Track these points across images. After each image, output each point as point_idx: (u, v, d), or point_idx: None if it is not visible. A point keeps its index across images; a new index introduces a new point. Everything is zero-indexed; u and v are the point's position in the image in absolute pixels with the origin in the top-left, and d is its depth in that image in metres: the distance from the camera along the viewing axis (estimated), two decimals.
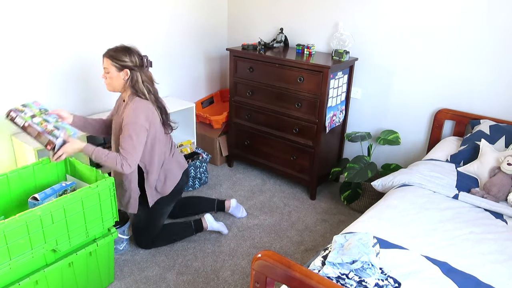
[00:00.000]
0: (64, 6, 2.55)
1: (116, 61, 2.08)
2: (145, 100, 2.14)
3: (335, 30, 3.12)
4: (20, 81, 2.46)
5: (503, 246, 1.70)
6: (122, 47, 2.12)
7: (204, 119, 3.55)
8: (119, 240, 2.41)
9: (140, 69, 2.13)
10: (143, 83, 2.14)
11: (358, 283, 1.37)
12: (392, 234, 1.74)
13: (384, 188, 2.34)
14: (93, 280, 2.09)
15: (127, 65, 2.09)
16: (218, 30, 3.74)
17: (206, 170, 3.26)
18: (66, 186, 2.11)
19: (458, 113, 2.72)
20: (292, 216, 2.91)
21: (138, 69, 2.12)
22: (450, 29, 2.64)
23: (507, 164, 2.14)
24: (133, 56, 2.11)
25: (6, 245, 1.63)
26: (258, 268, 1.15)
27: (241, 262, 2.42)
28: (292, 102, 2.99)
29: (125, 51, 2.10)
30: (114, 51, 2.09)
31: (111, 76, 2.11)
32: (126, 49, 2.11)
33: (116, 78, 2.12)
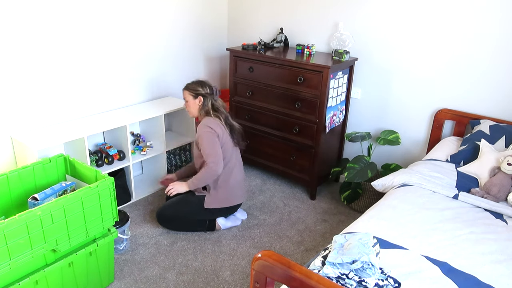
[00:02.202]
0: (64, 8, 2.55)
1: (191, 91, 2.62)
2: (213, 117, 2.56)
3: (335, 30, 3.12)
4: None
5: (503, 246, 1.70)
6: (196, 80, 2.66)
7: None
8: (119, 240, 2.41)
9: (211, 96, 2.61)
10: (212, 106, 2.61)
11: (358, 283, 1.37)
12: (392, 234, 1.74)
13: (384, 188, 2.34)
14: (93, 280, 2.09)
15: (200, 93, 2.59)
16: (218, 30, 3.74)
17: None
18: (66, 186, 2.11)
19: (458, 113, 2.72)
20: (292, 216, 2.91)
21: (209, 96, 2.60)
22: (450, 29, 2.64)
23: (507, 164, 2.14)
24: (205, 87, 2.61)
25: (6, 245, 1.63)
26: (258, 268, 1.15)
27: (241, 262, 2.42)
28: (292, 102, 2.99)
29: (198, 83, 2.63)
30: (190, 84, 2.65)
31: (189, 104, 2.64)
32: (200, 82, 2.64)
33: (193, 105, 2.63)
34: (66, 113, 2.75)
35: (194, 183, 2.54)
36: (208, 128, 2.50)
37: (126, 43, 2.98)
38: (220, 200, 2.60)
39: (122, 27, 2.92)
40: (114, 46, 2.91)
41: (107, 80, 2.93)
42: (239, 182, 2.66)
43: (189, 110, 2.68)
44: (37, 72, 2.52)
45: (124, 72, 3.04)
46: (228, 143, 2.58)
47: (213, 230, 2.69)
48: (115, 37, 2.89)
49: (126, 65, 3.03)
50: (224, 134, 2.55)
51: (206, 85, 2.63)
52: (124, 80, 3.06)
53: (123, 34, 2.94)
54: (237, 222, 2.76)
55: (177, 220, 2.64)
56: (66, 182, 2.15)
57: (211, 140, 2.48)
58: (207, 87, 2.63)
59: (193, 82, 2.65)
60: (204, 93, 2.60)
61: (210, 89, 2.63)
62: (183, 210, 2.61)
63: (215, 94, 2.64)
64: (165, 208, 2.64)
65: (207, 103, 2.60)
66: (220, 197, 2.59)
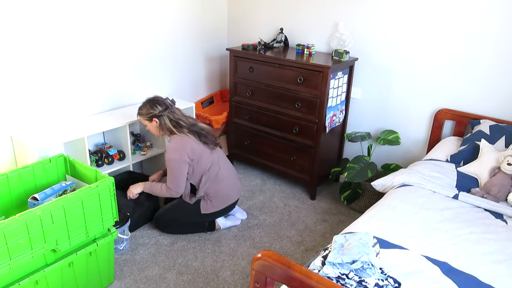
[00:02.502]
0: (64, 8, 2.55)
1: (144, 116, 2.51)
2: (180, 135, 2.46)
3: (335, 30, 3.12)
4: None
5: (503, 246, 1.70)
6: (145, 102, 2.53)
7: (204, 119, 3.55)
8: (119, 240, 2.41)
9: (166, 112, 2.48)
10: (171, 122, 2.48)
11: (358, 283, 1.37)
12: (392, 234, 1.74)
13: (384, 188, 2.34)
14: (93, 280, 2.09)
15: (153, 115, 2.48)
16: (218, 30, 3.74)
17: None
18: (66, 186, 2.11)
19: (458, 113, 2.72)
20: (292, 216, 2.91)
21: (164, 114, 2.47)
22: (450, 29, 2.64)
23: (507, 164, 2.14)
24: (156, 106, 2.48)
25: (6, 245, 1.63)
26: (258, 268, 1.15)
27: (241, 262, 2.42)
28: (292, 102, 2.99)
29: (146, 104, 2.51)
30: (140, 109, 2.53)
31: (149, 128, 2.56)
32: (148, 102, 2.51)
33: (152, 127, 2.54)
34: (66, 113, 2.75)
35: (151, 190, 2.55)
36: (178, 155, 2.42)
37: (125, 43, 2.98)
38: (215, 205, 2.59)
39: (122, 27, 2.92)
40: (113, 46, 2.91)
41: (106, 80, 2.93)
42: (229, 182, 2.63)
43: (152, 132, 2.59)
44: (37, 72, 2.52)
45: (123, 72, 3.04)
46: (204, 153, 2.51)
47: (213, 230, 2.69)
48: (115, 37, 2.89)
49: (125, 65, 3.03)
50: (195, 148, 2.47)
51: (157, 103, 2.49)
52: (124, 80, 3.06)
53: (123, 34, 2.94)
54: (236, 221, 2.77)
55: (176, 225, 2.63)
56: (66, 182, 2.15)
57: (179, 168, 2.44)
58: (159, 104, 2.49)
59: (144, 105, 2.52)
60: (158, 113, 2.47)
61: (163, 105, 2.49)
62: (181, 215, 2.60)
63: (171, 107, 2.51)
64: (163, 214, 2.63)
65: (163, 121, 2.48)
66: (214, 203, 2.59)
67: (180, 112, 2.57)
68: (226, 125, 3.52)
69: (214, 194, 2.57)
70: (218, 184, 2.57)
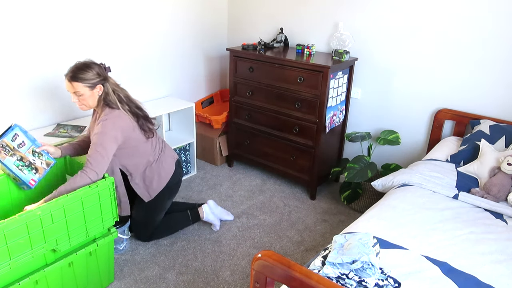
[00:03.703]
0: (64, 7, 2.55)
1: (86, 82, 2.01)
2: (117, 110, 2.09)
3: (335, 30, 3.12)
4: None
5: (503, 246, 1.70)
6: (81, 65, 2.04)
7: (204, 119, 3.55)
8: (119, 240, 2.41)
9: (106, 79, 2.09)
10: (114, 93, 2.10)
11: (358, 283, 1.37)
12: (392, 234, 1.74)
13: (384, 188, 2.34)
14: (93, 280, 2.09)
15: (97, 81, 2.04)
16: (218, 30, 3.74)
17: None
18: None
19: (458, 113, 2.72)
20: (292, 216, 2.91)
21: (105, 80, 2.08)
22: (450, 29, 2.64)
23: (507, 164, 2.14)
24: (95, 68, 2.04)
25: (6, 245, 1.63)
26: (258, 268, 1.15)
27: (241, 262, 2.42)
28: (292, 102, 2.99)
29: (87, 67, 2.03)
30: (79, 72, 2.00)
31: (84, 98, 2.05)
32: (86, 65, 2.04)
33: (91, 97, 2.06)
34: (66, 113, 2.75)
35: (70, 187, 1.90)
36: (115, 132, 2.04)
37: (125, 43, 2.98)
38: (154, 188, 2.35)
39: (121, 26, 2.92)
40: (113, 46, 2.91)
41: None
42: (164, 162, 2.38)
43: (84, 104, 2.08)
44: (37, 72, 2.52)
45: (123, 72, 3.04)
46: (139, 140, 2.20)
47: (198, 219, 2.62)
48: (114, 36, 2.89)
49: (125, 65, 3.03)
50: (134, 131, 2.15)
51: (95, 67, 2.05)
52: (124, 80, 3.06)
53: (122, 34, 2.94)
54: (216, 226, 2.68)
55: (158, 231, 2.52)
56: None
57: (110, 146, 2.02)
58: (97, 67, 2.05)
59: (80, 68, 2.02)
60: (101, 79, 2.05)
61: (102, 69, 2.08)
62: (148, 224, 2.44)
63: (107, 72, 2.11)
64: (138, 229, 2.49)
65: (107, 90, 2.08)
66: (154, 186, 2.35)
67: (114, 81, 2.17)
68: (226, 125, 3.52)
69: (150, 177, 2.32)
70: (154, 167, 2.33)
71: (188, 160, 3.42)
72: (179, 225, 2.60)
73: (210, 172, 3.50)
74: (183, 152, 3.36)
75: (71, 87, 2.02)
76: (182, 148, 3.34)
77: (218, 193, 3.17)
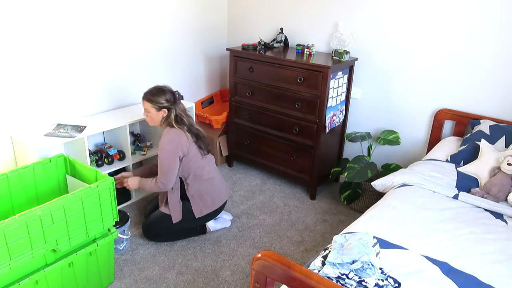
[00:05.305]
0: (64, 8, 2.55)
1: (155, 104, 2.40)
2: (177, 128, 2.42)
3: (335, 30, 3.12)
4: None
5: (503, 246, 1.70)
6: (157, 89, 2.44)
7: (204, 119, 3.55)
8: (119, 240, 2.41)
9: (174, 105, 2.43)
10: (176, 117, 2.44)
11: (358, 283, 1.37)
12: (392, 234, 1.74)
13: (384, 188, 2.34)
14: (93, 280, 2.09)
15: (164, 106, 2.41)
16: (218, 30, 3.74)
17: None
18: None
19: (458, 113, 2.72)
20: (292, 216, 2.91)
21: (172, 105, 2.43)
22: (450, 29, 2.64)
23: (507, 164, 2.14)
24: (167, 95, 2.42)
25: (6, 245, 1.63)
26: (258, 268, 1.15)
27: (241, 262, 2.42)
28: (292, 102, 2.99)
29: (160, 93, 2.42)
30: (152, 95, 2.41)
31: (151, 116, 2.45)
32: (161, 91, 2.43)
33: (156, 116, 2.44)
34: (66, 113, 2.75)
35: (141, 184, 2.52)
36: (172, 146, 2.37)
37: (125, 43, 2.98)
38: (208, 205, 2.53)
39: (122, 26, 2.92)
40: (113, 46, 2.91)
41: (106, 80, 2.93)
42: (218, 182, 2.60)
43: (150, 120, 2.49)
44: (37, 72, 2.52)
45: (123, 72, 3.04)
46: (196, 156, 2.47)
47: (204, 233, 2.67)
48: (114, 36, 2.89)
49: (125, 65, 3.03)
50: (190, 146, 2.43)
51: (167, 93, 2.44)
52: (124, 80, 3.06)
53: (122, 34, 2.94)
54: (226, 224, 2.73)
55: (166, 234, 2.56)
56: None
57: (170, 160, 2.38)
58: (169, 94, 2.44)
59: (154, 92, 2.43)
60: (169, 105, 2.42)
61: (173, 96, 2.45)
62: (171, 224, 2.50)
63: (178, 100, 2.47)
64: (151, 225, 2.54)
65: (171, 114, 2.43)
66: (207, 203, 2.53)
67: (183, 107, 2.52)
68: (226, 125, 3.52)
69: (205, 193, 2.52)
70: (208, 185, 2.54)
71: None
72: (186, 235, 2.62)
73: None
74: None
75: (144, 104, 2.46)
76: None
77: None
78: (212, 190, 2.55)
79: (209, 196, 2.54)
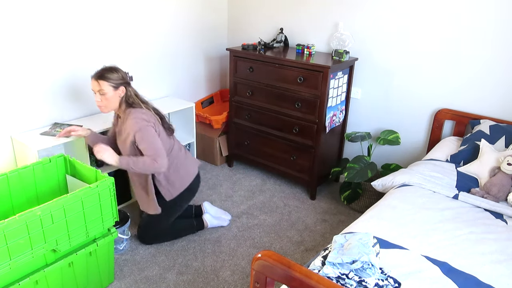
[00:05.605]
0: (64, 6, 2.55)
1: (111, 81, 2.18)
2: (139, 108, 2.25)
3: (335, 30, 3.12)
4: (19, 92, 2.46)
5: (503, 246, 1.70)
6: (109, 67, 2.22)
7: (204, 119, 3.55)
8: (119, 240, 2.41)
9: (129, 85, 2.26)
10: (136, 95, 2.27)
11: (358, 283, 1.37)
12: (392, 234, 1.74)
13: (384, 188, 2.34)
14: (93, 280, 2.09)
15: (121, 82, 2.21)
16: (218, 30, 3.74)
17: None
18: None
19: (458, 113, 2.72)
20: (292, 216, 2.91)
21: (128, 84, 2.25)
22: (450, 29, 2.64)
23: (507, 164, 2.14)
24: (120, 72, 2.23)
25: (6, 245, 1.63)
26: (258, 268, 1.15)
27: (241, 262, 2.42)
28: (292, 102, 2.99)
29: (113, 70, 2.21)
30: (105, 72, 2.18)
31: (107, 97, 2.19)
32: (114, 68, 2.22)
33: (113, 97, 2.21)
34: (66, 113, 2.75)
35: (128, 165, 2.18)
36: (144, 122, 2.17)
37: (125, 43, 2.98)
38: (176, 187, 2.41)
39: (121, 26, 2.92)
40: (112, 46, 2.91)
41: None
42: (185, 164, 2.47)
43: (105, 105, 2.22)
44: (37, 72, 2.52)
45: None
46: (163, 134, 2.31)
47: (202, 228, 2.65)
48: (114, 36, 2.89)
49: (124, 65, 3.03)
50: (158, 125, 2.28)
51: (120, 71, 2.23)
52: None
53: (122, 34, 2.94)
54: (224, 222, 2.73)
55: (163, 235, 2.53)
56: None
57: (155, 136, 2.19)
58: (123, 72, 2.24)
59: (107, 70, 2.20)
60: (124, 81, 2.21)
61: (126, 74, 2.26)
62: (160, 222, 2.46)
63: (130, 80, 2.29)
64: (144, 231, 2.49)
65: (129, 92, 2.24)
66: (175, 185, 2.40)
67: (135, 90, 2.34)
68: (226, 125, 3.52)
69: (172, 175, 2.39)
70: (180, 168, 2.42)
71: None
72: (184, 233, 2.61)
73: (210, 172, 3.50)
74: None
75: (97, 85, 2.17)
76: None
77: (218, 193, 3.17)
78: (178, 170, 2.41)
79: (176, 177, 2.40)
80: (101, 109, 2.25)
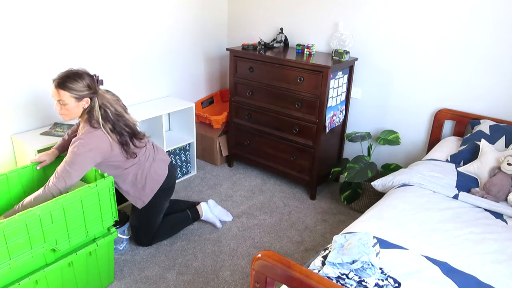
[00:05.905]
0: (63, 6, 2.55)
1: (73, 92, 1.90)
2: (97, 130, 1.96)
3: (335, 30, 3.12)
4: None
5: (503, 246, 1.70)
6: (73, 73, 1.92)
7: (204, 119, 3.55)
8: (119, 240, 2.41)
9: (96, 93, 1.97)
10: (100, 108, 1.98)
11: (358, 283, 1.37)
12: (392, 234, 1.74)
13: (384, 188, 2.34)
14: (93, 280, 2.09)
15: (85, 94, 1.92)
16: (218, 30, 3.74)
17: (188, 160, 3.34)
18: None
19: (458, 113, 2.72)
20: (292, 216, 2.91)
21: (94, 93, 1.96)
22: (450, 29, 2.64)
23: (507, 164, 2.14)
24: (86, 79, 1.93)
25: (6, 245, 1.63)
26: (258, 268, 1.15)
27: (241, 262, 2.42)
28: (292, 102, 2.99)
29: (77, 77, 1.91)
30: (68, 81, 1.89)
31: (68, 108, 1.93)
32: (78, 75, 1.92)
33: (75, 108, 1.95)
34: None
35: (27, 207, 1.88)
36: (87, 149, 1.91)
37: (125, 43, 2.98)
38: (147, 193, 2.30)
39: (121, 26, 2.92)
40: (112, 46, 2.91)
41: (105, 80, 2.93)
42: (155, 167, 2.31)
43: (66, 114, 1.96)
44: (37, 72, 2.52)
45: (122, 72, 3.04)
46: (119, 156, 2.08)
47: (198, 218, 2.64)
48: (113, 36, 2.89)
49: (124, 64, 3.03)
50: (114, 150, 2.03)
51: (87, 78, 1.93)
52: (123, 80, 3.06)
53: (122, 34, 2.94)
54: (217, 223, 2.69)
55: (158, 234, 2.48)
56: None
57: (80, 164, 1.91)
58: (89, 79, 1.94)
59: (69, 76, 1.90)
60: (90, 92, 1.93)
61: (93, 81, 1.96)
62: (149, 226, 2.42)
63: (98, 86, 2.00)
64: (137, 234, 2.45)
65: (94, 105, 1.96)
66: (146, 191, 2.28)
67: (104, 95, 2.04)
68: (226, 125, 3.52)
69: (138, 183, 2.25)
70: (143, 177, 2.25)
71: (188, 160, 3.42)
72: (180, 226, 2.60)
73: (210, 172, 3.50)
74: (183, 152, 3.35)
75: (57, 94, 1.90)
76: (182, 148, 3.34)
77: (218, 193, 3.17)
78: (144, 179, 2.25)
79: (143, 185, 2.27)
80: (62, 117, 2.00)
